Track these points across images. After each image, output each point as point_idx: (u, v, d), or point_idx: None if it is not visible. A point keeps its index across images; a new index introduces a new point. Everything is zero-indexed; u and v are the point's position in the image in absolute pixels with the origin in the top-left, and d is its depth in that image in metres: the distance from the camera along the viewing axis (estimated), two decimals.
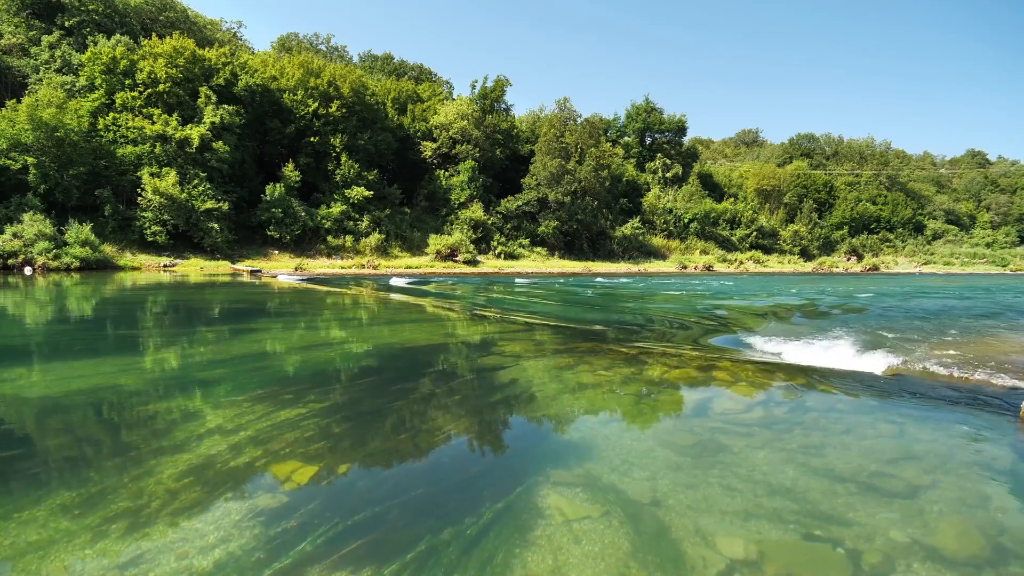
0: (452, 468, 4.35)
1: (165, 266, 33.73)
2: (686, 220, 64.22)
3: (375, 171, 46.90)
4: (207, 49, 42.00)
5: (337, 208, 43.28)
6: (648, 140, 74.97)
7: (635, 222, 58.89)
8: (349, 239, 43.24)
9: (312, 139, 44.45)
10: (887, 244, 78.17)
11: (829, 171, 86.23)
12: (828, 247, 73.78)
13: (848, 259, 71.62)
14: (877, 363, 8.06)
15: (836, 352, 8.91)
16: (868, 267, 68.34)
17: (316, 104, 44.22)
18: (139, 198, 35.11)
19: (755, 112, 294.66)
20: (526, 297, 21.03)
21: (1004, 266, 73.73)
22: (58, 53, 40.62)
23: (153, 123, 36.86)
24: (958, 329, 12.53)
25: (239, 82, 41.85)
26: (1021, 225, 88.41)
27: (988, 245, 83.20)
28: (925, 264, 73.30)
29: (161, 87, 37.84)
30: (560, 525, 3.40)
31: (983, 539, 3.35)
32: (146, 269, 32.81)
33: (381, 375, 7.45)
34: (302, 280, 28.93)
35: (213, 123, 38.11)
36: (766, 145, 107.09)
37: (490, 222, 50.62)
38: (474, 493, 3.82)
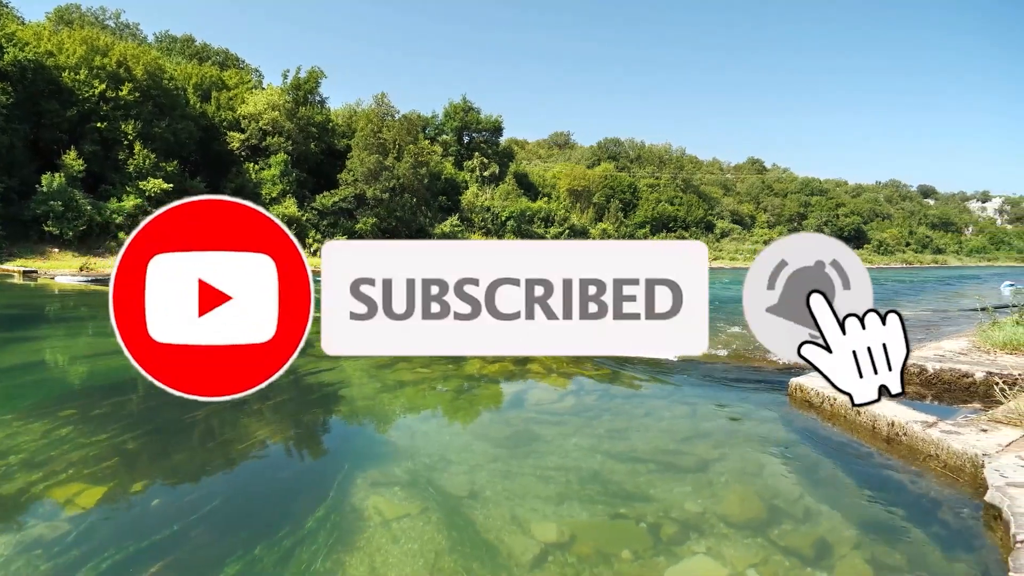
0: (266, 477, 4.37)
1: None
2: (503, 218, 68.38)
3: (175, 162, 45.13)
4: None
5: (130, 202, 41.04)
6: (466, 139, 78.59)
7: (454, 220, 61.62)
8: None
9: (99, 125, 41.78)
10: None
11: (633, 173, 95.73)
12: None
13: None
14: None
15: None
16: None
17: (103, 86, 41.58)
18: None
19: (566, 115, 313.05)
20: None
21: None
22: None
23: None
24: (739, 317, 15.01)
25: (5, 56, 38.12)
26: (791, 224, 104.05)
27: (766, 243, 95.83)
28: (715, 260, 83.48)
29: None
30: (379, 525, 3.49)
31: (761, 503, 3.83)
32: None
33: None
34: (89, 281, 27.63)
35: None
36: (577, 147, 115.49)
37: (305, 219, 50.45)
38: (289, 501, 3.84)
